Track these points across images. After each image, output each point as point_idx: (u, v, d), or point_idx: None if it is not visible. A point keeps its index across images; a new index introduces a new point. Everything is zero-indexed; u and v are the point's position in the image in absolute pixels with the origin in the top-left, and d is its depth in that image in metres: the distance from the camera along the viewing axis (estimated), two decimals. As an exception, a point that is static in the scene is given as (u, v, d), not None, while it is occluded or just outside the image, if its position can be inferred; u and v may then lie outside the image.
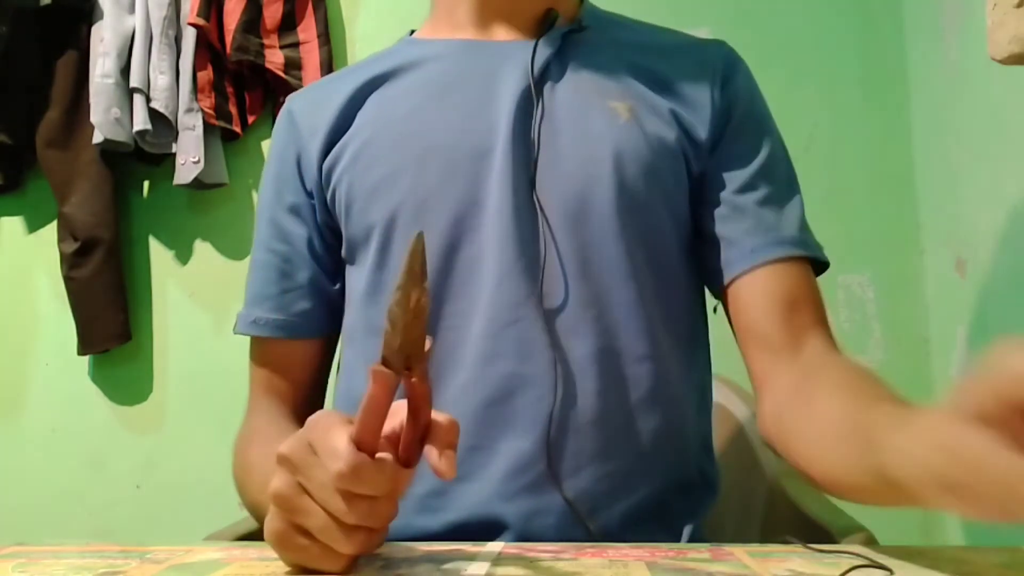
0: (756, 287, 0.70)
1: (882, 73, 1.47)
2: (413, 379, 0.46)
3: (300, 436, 0.48)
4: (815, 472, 0.59)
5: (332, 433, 0.46)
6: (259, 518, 0.68)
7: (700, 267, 0.76)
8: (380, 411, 0.45)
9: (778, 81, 1.48)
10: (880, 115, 1.46)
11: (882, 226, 1.45)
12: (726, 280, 0.72)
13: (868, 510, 0.91)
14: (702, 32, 1.46)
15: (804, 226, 0.74)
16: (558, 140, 0.71)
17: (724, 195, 0.74)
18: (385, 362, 0.45)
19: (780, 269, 0.70)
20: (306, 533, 0.47)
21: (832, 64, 1.48)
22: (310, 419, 0.49)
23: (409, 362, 0.45)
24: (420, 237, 0.44)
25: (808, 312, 0.70)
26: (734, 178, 0.74)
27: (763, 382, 0.71)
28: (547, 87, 0.73)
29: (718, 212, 0.74)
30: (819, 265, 0.74)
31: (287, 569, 0.50)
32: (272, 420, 0.75)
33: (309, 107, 0.79)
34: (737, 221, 0.72)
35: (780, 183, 0.75)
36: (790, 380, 0.67)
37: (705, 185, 0.74)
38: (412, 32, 0.83)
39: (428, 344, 0.46)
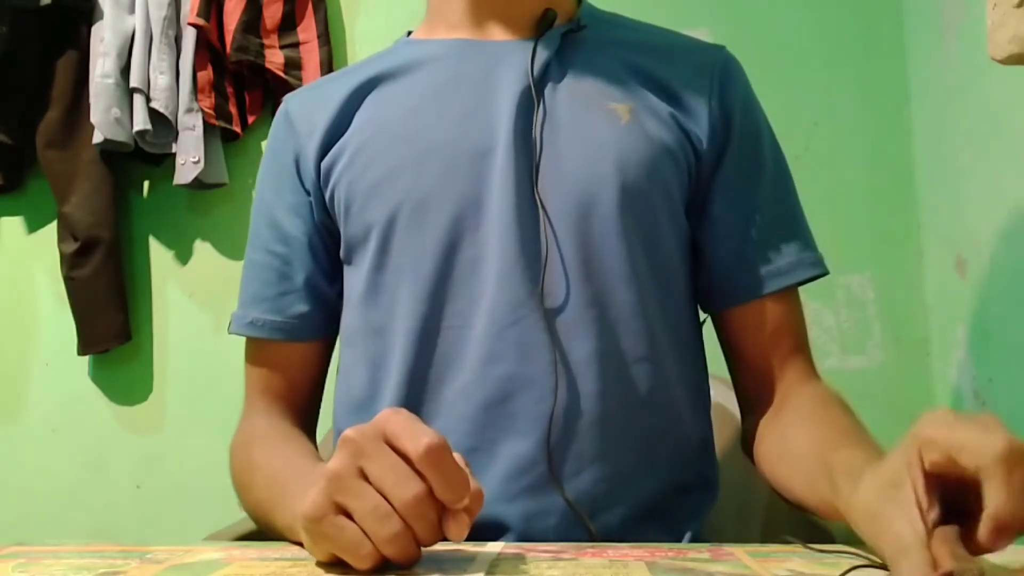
0: (747, 319, 0.75)
1: (882, 73, 1.47)
2: None
3: (371, 424, 0.47)
4: (789, 496, 0.65)
5: (419, 423, 0.46)
6: (260, 518, 0.68)
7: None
8: None
9: (778, 81, 1.49)
10: (880, 115, 1.46)
11: (882, 226, 1.45)
12: (719, 308, 0.77)
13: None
14: (701, 33, 1.46)
15: (800, 237, 0.76)
16: (559, 141, 0.71)
17: (722, 219, 0.75)
18: None
19: (772, 302, 0.74)
20: (346, 516, 0.46)
21: (832, 64, 1.48)
22: (383, 412, 0.48)
23: None
24: None
25: (792, 340, 0.75)
26: (732, 203, 0.75)
27: (746, 402, 0.77)
28: (547, 88, 0.73)
29: (714, 235, 0.75)
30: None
31: (287, 569, 0.50)
32: (272, 422, 0.75)
33: (306, 107, 0.78)
34: (733, 250, 0.74)
35: (778, 202, 0.76)
36: (769, 406, 0.73)
37: (702, 203, 0.75)
38: (409, 33, 0.83)
39: None
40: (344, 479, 0.46)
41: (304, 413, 0.79)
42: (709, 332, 0.79)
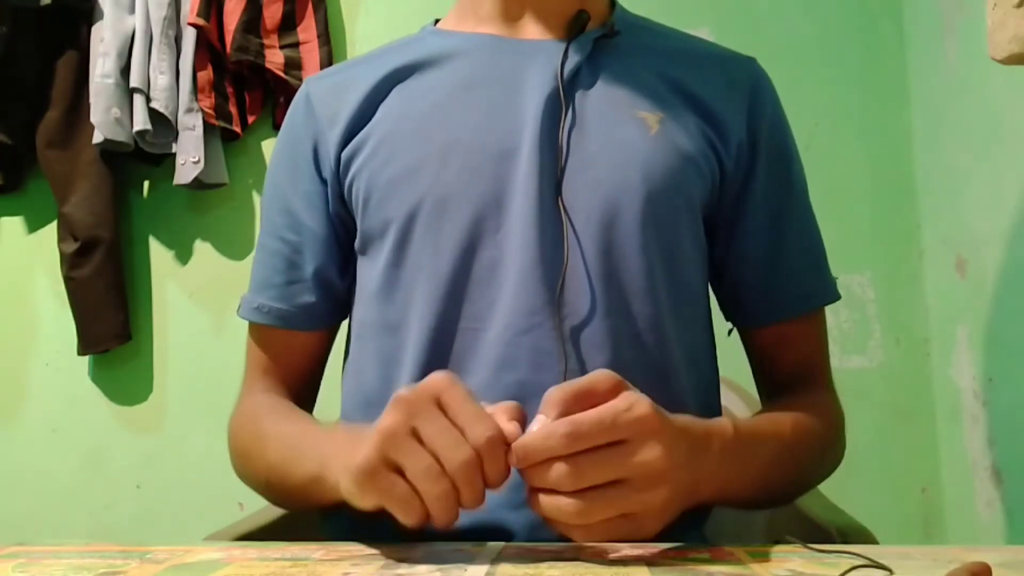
0: (771, 338, 0.77)
1: (882, 73, 1.47)
2: None
3: (424, 388, 0.51)
4: None
5: (472, 403, 0.50)
6: (271, 481, 0.69)
7: (715, 293, 0.78)
8: None
9: (778, 81, 1.47)
10: (880, 115, 1.46)
11: (882, 226, 1.45)
12: (743, 325, 0.79)
13: (868, 510, 0.91)
14: (702, 32, 1.46)
15: (822, 262, 0.78)
16: (586, 147, 0.70)
17: (751, 241, 0.75)
18: None
19: (797, 324, 0.77)
20: (398, 473, 0.49)
21: (832, 64, 1.48)
22: (433, 376, 0.52)
23: None
24: None
25: (811, 356, 0.78)
26: (762, 226, 0.75)
27: (764, 401, 0.81)
28: (576, 92, 0.72)
29: (742, 256, 0.76)
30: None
31: (287, 569, 0.50)
32: (274, 399, 0.76)
33: (329, 93, 0.77)
34: (762, 274, 0.76)
35: (804, 224, 0.77)
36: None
37: (730, 220, 0.75)
38: (436, 21, 0.82)
39: None
40: (398, 437, 0.49)
41: (301, 398, 0.79)
42: (717, 332, 0.79)
